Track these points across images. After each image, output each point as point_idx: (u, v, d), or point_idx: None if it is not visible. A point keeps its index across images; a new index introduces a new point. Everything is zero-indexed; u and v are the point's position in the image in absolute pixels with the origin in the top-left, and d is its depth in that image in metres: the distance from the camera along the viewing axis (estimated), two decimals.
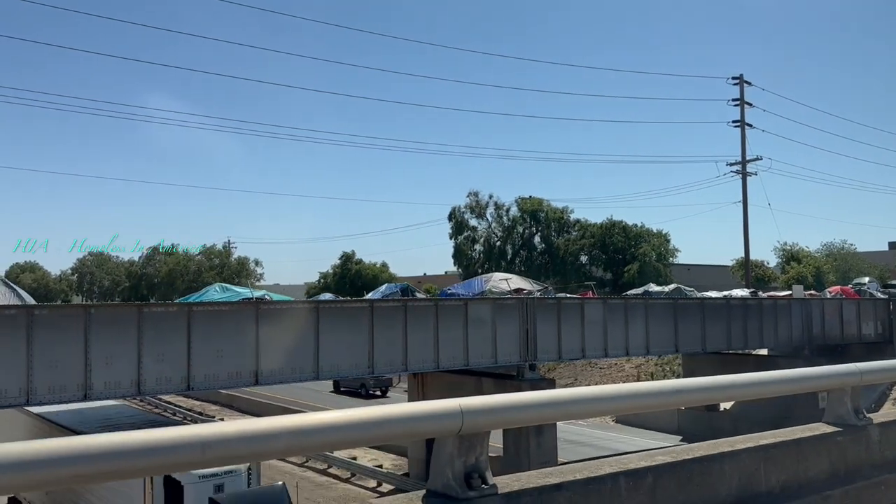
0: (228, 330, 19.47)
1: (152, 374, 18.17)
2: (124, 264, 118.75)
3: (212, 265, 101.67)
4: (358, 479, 29.95)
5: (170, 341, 18.45)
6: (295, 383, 22.82)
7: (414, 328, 22.67)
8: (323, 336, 20.83)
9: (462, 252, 63.55)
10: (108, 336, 17.60)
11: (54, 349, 16.85)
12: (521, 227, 62.36)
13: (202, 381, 19.03)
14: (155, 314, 18.81)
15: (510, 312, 24.93)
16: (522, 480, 3.71)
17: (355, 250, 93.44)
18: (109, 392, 18.05)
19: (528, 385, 24.43)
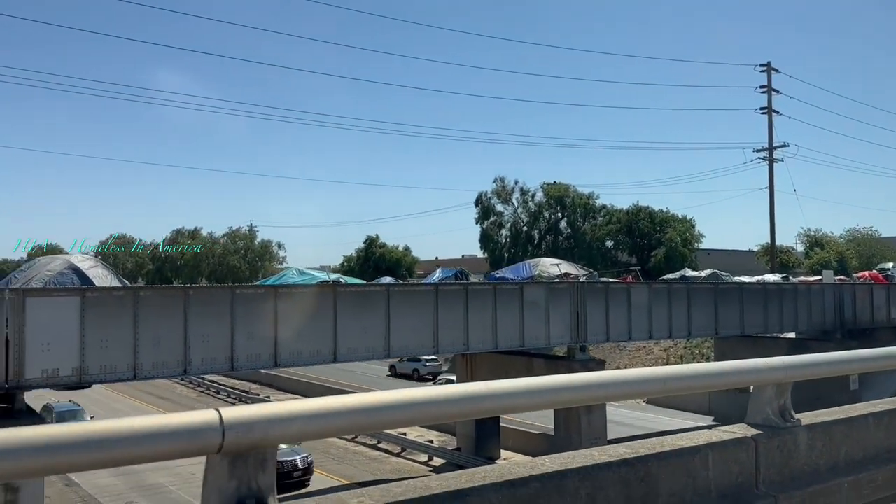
0: (309, 310, 20.76)
1: (243, 351, 19.52)
2: (148, 246, 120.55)
3: (236, 248, 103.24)
4: (408, 453, 31.38)
5: (258, 321, 19.76)
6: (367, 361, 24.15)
7: (474, 310, 23.90)
8: (393, 317, 22.09)
9: (489, 236, 64.68)
10: (204, 315, 18.91)
11: (157, 328, 18.18)
12: (548, 212, 63.39)
13: (287, 358, 20.39)
14: (245, 295, 20.15)
15: (562, 296, 26.11)
16: None
17: (378, 234, 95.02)
18: (206, 367, 19.48)
19: (579, 366, 25.64)
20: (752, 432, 3.95)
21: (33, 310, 16.45)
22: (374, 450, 32.09)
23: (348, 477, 27.41)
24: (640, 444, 3.45)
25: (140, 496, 24.90)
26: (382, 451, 31.97)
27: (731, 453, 3.66)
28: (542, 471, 2.88)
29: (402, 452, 31.48)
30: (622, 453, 3.26)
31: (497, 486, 2.73)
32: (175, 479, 26.58)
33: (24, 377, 16.30)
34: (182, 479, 26.72)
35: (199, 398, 46.34)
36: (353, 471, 28.56)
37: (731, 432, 3.93)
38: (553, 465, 2.97)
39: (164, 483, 26.11)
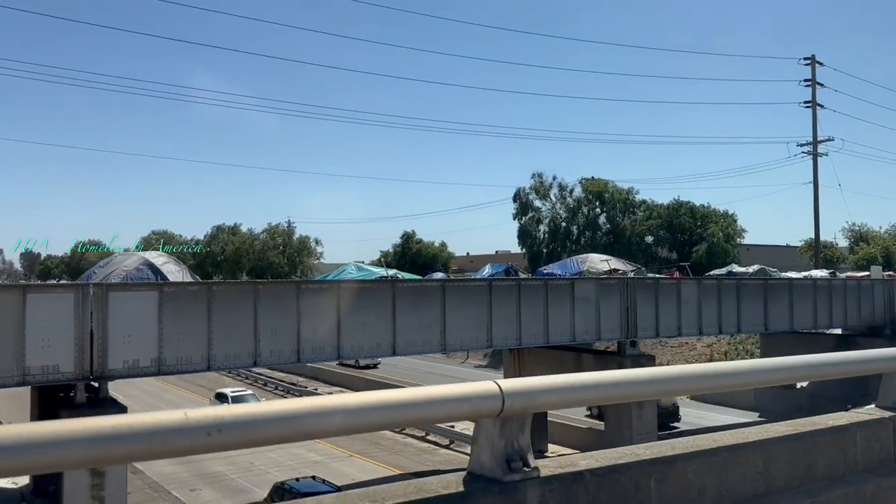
0: (370, 305, 21.38)
1: (308, 344, 20.22)
2: (189, 242, 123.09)
3: (275, 244, 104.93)
4: (456, 445, 31.91)
5: (322, 314, 20.42)
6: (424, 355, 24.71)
7: (526, 305, 24.32)
8: (448, 312, 22.62)
9: (527, 232, 64.91)
10: (272, 309, 19.64)
11: (229, 321, 18.95)
12: (586, 207, 63.38)
13: (349, 350, 21.07)
14: (310, 290, 20.87)
15: (612, 291, 26.38)
16: None
17: (414, 230, 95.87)
18: (274, 359, 20.22)
19: (629, 361, 25.91)
20: (888, 414, 4.21)
21: (115, 304, 17.32)
22: (423, 441, 32.71)
23: (401, 467, 28.07)
24: (801, 423, 3.86)
25: (203, 483, 25.84)
26: (431, 442, 32.57)
27: (874, 431, 4.02)
28: (726, 443, 3.33)
29: (451, 444, 32.03)
30: (785, 430, 3.67)
31: (693, 455, 3.19)
32: (234, 468, 27.53)
33: (107, 368, 17.18)
34: (240, 468, 27.69)
35: (250, 389, 47.46)
36: (405, 461, 29.23)
37: (869, 414, 4.26)
38: (733, 439, 3.41)
39: (223, 471, 27.05)
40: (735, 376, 3.73)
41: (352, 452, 30.11)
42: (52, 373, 16.55)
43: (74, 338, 16.71)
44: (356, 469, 28.19)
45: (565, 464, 2.93)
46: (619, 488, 2.92)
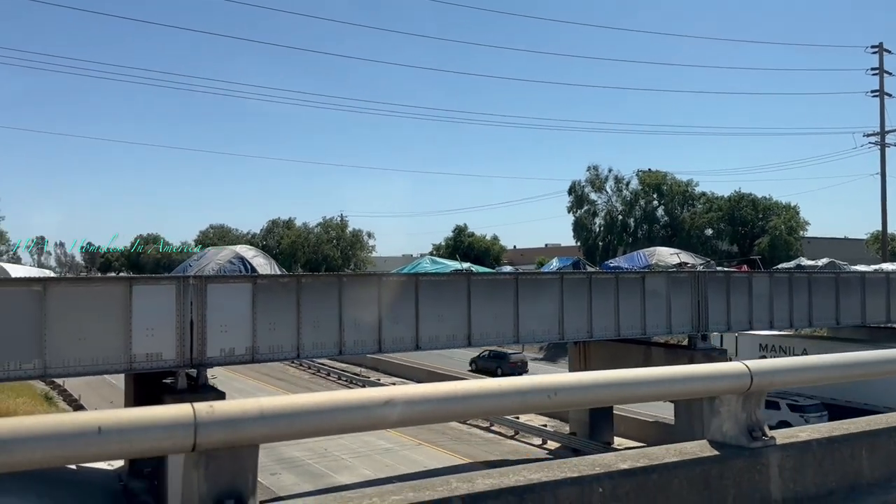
0: (446, 297, 21.95)
1: (389, 335, 20.89)
2: (245, 236, 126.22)
3: (329, 237, 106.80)
4: (521, 436, 32.39)
5: (401, 306, 21.07)
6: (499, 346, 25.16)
7: (597, 298, 24.54)
8: (521, 304, 23.02)
9: (582, 225, 64.71)
10: (355, 300, 20.35)
11: (316, 311, 19.74)
12: (643, 200, 62.82)
13: (427, 341, 21.66)
14: (389, 283, 21.53)
15: (683, 285, 26.38)
16: None
17: (466, 223, 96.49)
18: (357, 349, 20.94)
19: (701, 355, 25.90)
20: None
21: (213, 295, 18.25)
22: (487, 432, 33.27)
23: (470, 456, 28.70)
24: None
25: (281, 468, 26.89)
26: (496, 433, 33.11)
27: None
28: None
29: (516, 435, 32.52)
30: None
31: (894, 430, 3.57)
32: (309, 454, 28.57)
33: (206, 356, 18.14)
34: (316, 454, 28.71)
35: (311, 379, 48.85)
36: (474, 450, 29.83)
37: None
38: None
39: (300, 457, 28.08)
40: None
41: (420, 441, 30.85)
42: (156, 360, 17.56)
43: (176, 327, 17.69)
44: (426, 457, 28.92)
45: (790, 435, 3.34)
46: (839, 456, 3.32)
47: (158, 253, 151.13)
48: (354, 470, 26.91)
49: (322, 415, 2.21)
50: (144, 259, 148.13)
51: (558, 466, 2.74)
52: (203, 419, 2.04)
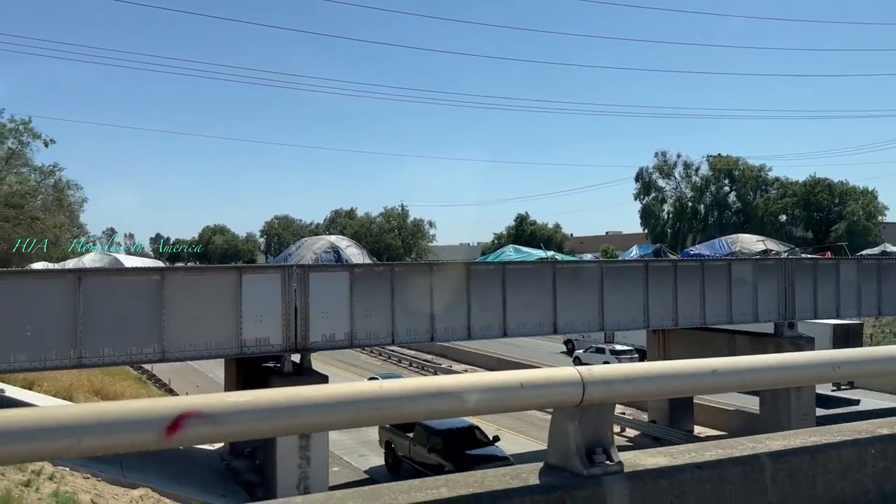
0: (532, 285, 22.28)
1: (477, 322, 21.39)
2: (308, 227, 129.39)
3: (391, 227, 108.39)
4: None
5: (488, 294, 21.53)
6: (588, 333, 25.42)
7: (682, 286, 24.47)
8: (606, 293, 23.18)
9: (650, 212, 63.94)
10: (444, 289, 20.91)
11: (409, 299, 20.37)
12: (714, 186, 61.61)
13: (514, 328, 22.08)
14: (477, 271, 22.00)
15: (769, 272, 26.04)
16: None
17: (528, 212, 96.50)
18: (447, 336, 21.56)
19: (788, 343, 25.54)
20: None
21: (315, 283, 19.06)
22: None
23: None
24: None
25: (367, 450, 27.77)
26: None
27: None
28: None
29: None
30: None
31: None
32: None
33: (309, 341, 19.00)
34: None
35: (383, 365, 49.95)
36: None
37: None
38: None
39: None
40: None
41: (500, 427, 31.29)
42: (264, 345, 18.50)
43: (282, 314, 18.58)
44: (507, 442, 29.31)
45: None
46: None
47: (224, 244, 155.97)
48: None
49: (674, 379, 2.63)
50: (212, 249, 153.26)
51: None
52: (587, 379, 2.48)
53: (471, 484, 2.49)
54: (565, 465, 2.63)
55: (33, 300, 16.05)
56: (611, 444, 2.66)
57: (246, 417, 2.05)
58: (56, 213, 39.72)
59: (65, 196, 39.32)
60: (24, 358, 15.95)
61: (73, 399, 23.20)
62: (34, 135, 36.59)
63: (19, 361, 16.02)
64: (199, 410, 1.97)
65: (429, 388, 2.29)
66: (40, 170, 37.80)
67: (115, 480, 15.44)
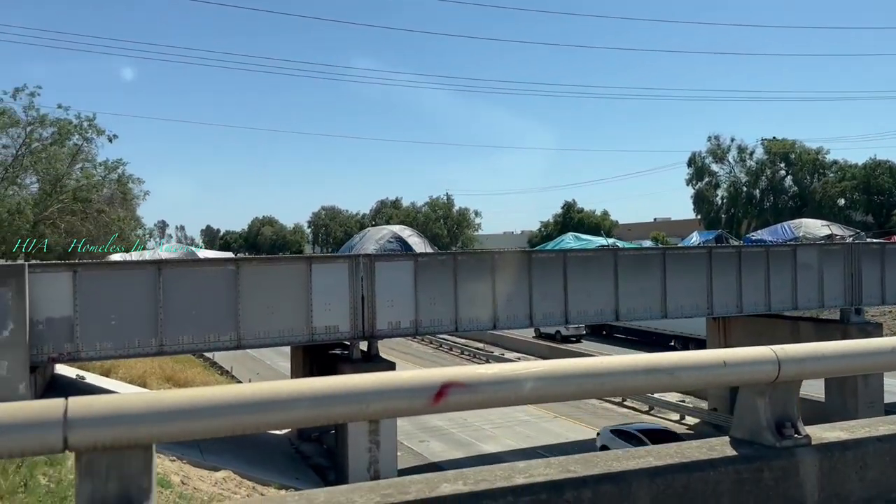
0: (593, 273, 22.27)
1: (539, 310, 21.50)
2: (355, 217, 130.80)
3: (436, 216, 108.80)
4: (657, 411, 32.33)
5: (549, 282, 21.61)
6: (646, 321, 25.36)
7: (747, 272, 24.13)
8: (669, 279, 23.00)
9: (703, 197, 62.75)
10: (506, 277, 21.07)
11: (471, 287, 20.58)
12: (769, 170, 60.13)
13: (576, 316, 22.15)
14: (539, 259, 22.09)
15: (835, 257, 25.46)
16: None
17: (575, 199, 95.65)
18: (509, 323, 21.74)
19: (854, 329, 24.96)
20: None
21: (381, 272, 19.43)
22: (622, 407, 33.39)
23: None
24: None
25: (428, 436, 28.23)
26: (629, 408, 33.19)
27: None
28: None
29: (651, 410, 32.48)
30: None
31: None
32: (452, 423, 29.73)
33: (376, 328, 19.40)
34: (457, 424, 29.84)
35: (436, 353, 50.47)
36: (612, 424, 30.08)
37: None
38: None
39: (443, 426, 29.32)
40: None
41: (556, 414, 31.44)
42: (334, 332, 18.97)
43: (350, 302, 19.00)
44: (565, 429, 29.52)
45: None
46: None
47: (273, 234, 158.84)
48: (498, 440, 27.87)
49: None
50: (261, 240, 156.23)
51: None
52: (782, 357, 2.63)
53: (673, 454, 2.66)
54: (754, 439, 2.78)
55: (117, 291, 16.78)
56: (797, 419, 2.80)
57: (496, 387, 2.26)
58: (120, 206, 41.09)
59: (128, 190, 40.58)
60: (109, 346, 16.70)
61: (148, 385, 24.13)
62: (98, 131, 37.88)
63: (105, 349, 16.79)
64: (460, 381, 2.18)
65: (645, 364, 2.46)
66: (105, 164, 39.11)
67: (198, 463, 16.09)
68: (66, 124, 36.64)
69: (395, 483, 2.27)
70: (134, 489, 1.90)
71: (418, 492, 2.22)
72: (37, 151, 36.39)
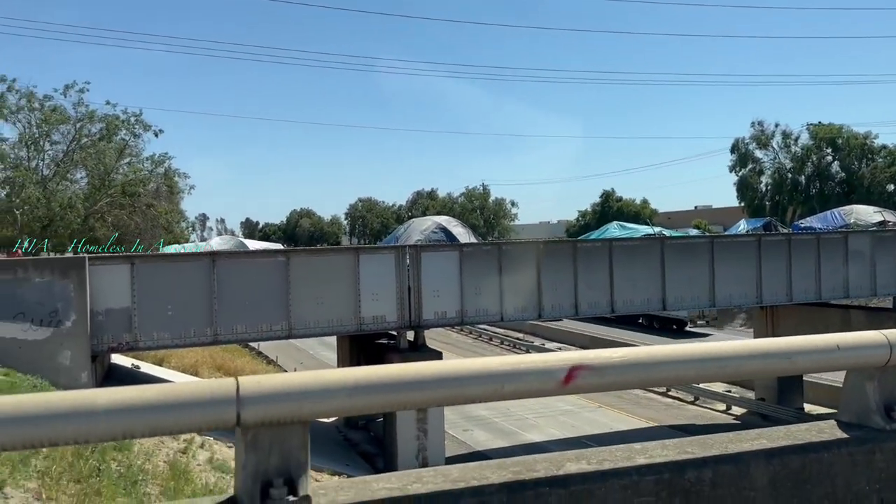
0: (639, 262, 22.11)
1: (584, 299, 21.44)
2: (392, 208, 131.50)
3: (473, 207, 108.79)
4: (702, 402, 31.98)
5: (596, 271, 21.52)
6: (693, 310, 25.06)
7: (797, 260, 23.69)
8: (717, 268, 22.71)
9: (747, 184, 61.51)
10: (552, 267, 21.03)
11: (516, 277, 20.59)
12: (815, 156, 58.62)
13: (621, 306, 22.01)
14: (584, 248, 22.01)
15: (889, 244, 24.85)
16: None
17: (613, 188, 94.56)
18: (554, 313, 21.73)
19: None
20: None
21: (426, 262, 19.58)
22: (665, 397, 33.12)
23: (656, 420, 28.85)
24: None
25: (472, 425, 28.42)
26: (674, 398, 32.90)
27: None
28: None
29: (696, 401, 32.15)
30: None
31: None
32: (494, 413, 29.87)
33: (422, 318, 19.57)
34: (500, 413, 29.96)
35: (475, 343, 50.64)
36: (657, 414, 29.93)
37: None
38: None
39: (487, 416, 29.48)
40: None
41: (600, 404, 31.33)
42: (381, 322, 19.20)
43: (396, 292, 19.21)
44: (609, 419, 29.41)
45: None
46: None
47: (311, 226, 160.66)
48: (542, 429, 27.91)
49: None
50: (300, 232, 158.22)
51: None
52: (893, 342, 2.66)
53: (784, 436, 2.70)
54: (862, 422, 2.81)
55: (173, 282, 17.24)
56: None
57: (622, 370, 2.33)
58: (165, 200, 42.08)
59: (174, 184, 41.50)
60: (166, 335, 17.20)
61: (199, 374, 24.74)
62: (145, 126, 38.78)
63: (162, 338, 17.29)
64: (587, 364, 2.26)
65: (764, 349, 2.51)
66: (152, 159, 40.04)
67: None
68: (114, 120, 37.60)
69: (522, 461, 2.37)
70: (293, 462, 2.03)
71: (546, 470, 2.31)
72: (86, 147, 37.48)
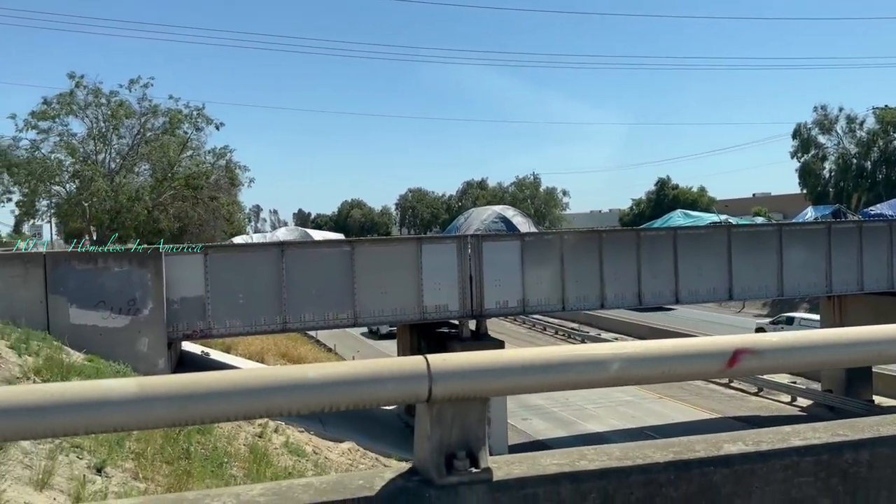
0: (704, 250, 21.71)
1: (648, 289, 21.19)
2: (441, 198, 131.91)
3: (523, 196, 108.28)
4: (766, 393, 31.27)
5: (660, 261, 21.22)
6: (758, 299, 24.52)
7: (868, 248, 22.94)
8: (785, 256, 22.13)
9: (809, 171, 59.51)
10: (614, 256, 20.83)
11: (578, 266, 20.48)
12: (882, 140, 56.31)
13: (686, 295, 21.69)
14: (647, 237, 21.75)
15: None
16: None
17: (669, 175, 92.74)
18: (617, 303, 21.60)
19: None
20: None
21: (488, 252, 19.65)
22: (728, 388, 32.50)
23: (717, 411, 28.38)
24: None
25: (530, 414, 28.45)
26: (737, 389, 32.25)
27: None
28: None
29: (759, 392, 31.46)
30: None
31: None
32: (552, 402, 29.82)
33: (484, 307, 19.68)
34: (558, 403, 29.89)
35: (528, 333, 50.56)
36: (720, 406, 29.42)
37: None
38: None
39: (543, 404, 29.46)
40: None
41: (660, 395, 30.94)
42: (443, 311, 19.39)
43: (458, 282, 19.34)
44: (671, 410, 29.03)
45: None
46: None
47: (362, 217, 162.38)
48: (601, 419, 27.75)
49: None
50: (351, 222, 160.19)
51: None
52: None
53: (847, 427, 2.65)
54: None
55: (244, 272, 17.75)
56: None
57: (782, 354, 2.36)
58: (225, 192, 43.15)
59: (235, 176, 42.49)
60: (238, 323, 17.74)
61: (265, 361, 25.42)
62: (207, 119, 39.82)
63: (234, 326, 17.84)
64: (750, 347, 2.30)
65: (844, 338, 2.51)
66: (213, 151, 41.09)
67: (322, 435, 16.89)
68: (177, 114, 38.70)
69: (681, 442, 2.42)
70: (472, 437, 2.13)
71: (705, 450, 2.36)
72: (150, 141, 38.69)
